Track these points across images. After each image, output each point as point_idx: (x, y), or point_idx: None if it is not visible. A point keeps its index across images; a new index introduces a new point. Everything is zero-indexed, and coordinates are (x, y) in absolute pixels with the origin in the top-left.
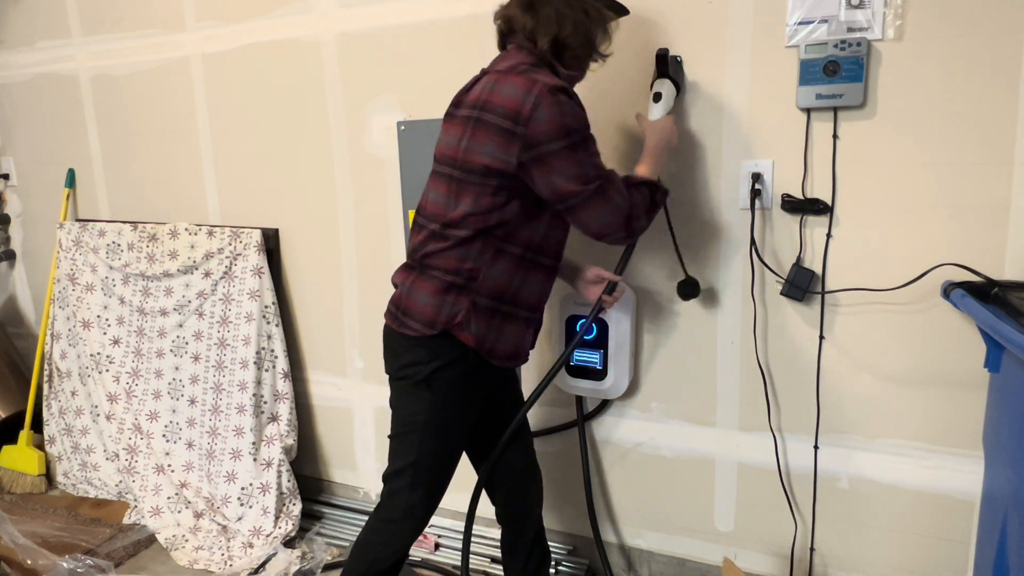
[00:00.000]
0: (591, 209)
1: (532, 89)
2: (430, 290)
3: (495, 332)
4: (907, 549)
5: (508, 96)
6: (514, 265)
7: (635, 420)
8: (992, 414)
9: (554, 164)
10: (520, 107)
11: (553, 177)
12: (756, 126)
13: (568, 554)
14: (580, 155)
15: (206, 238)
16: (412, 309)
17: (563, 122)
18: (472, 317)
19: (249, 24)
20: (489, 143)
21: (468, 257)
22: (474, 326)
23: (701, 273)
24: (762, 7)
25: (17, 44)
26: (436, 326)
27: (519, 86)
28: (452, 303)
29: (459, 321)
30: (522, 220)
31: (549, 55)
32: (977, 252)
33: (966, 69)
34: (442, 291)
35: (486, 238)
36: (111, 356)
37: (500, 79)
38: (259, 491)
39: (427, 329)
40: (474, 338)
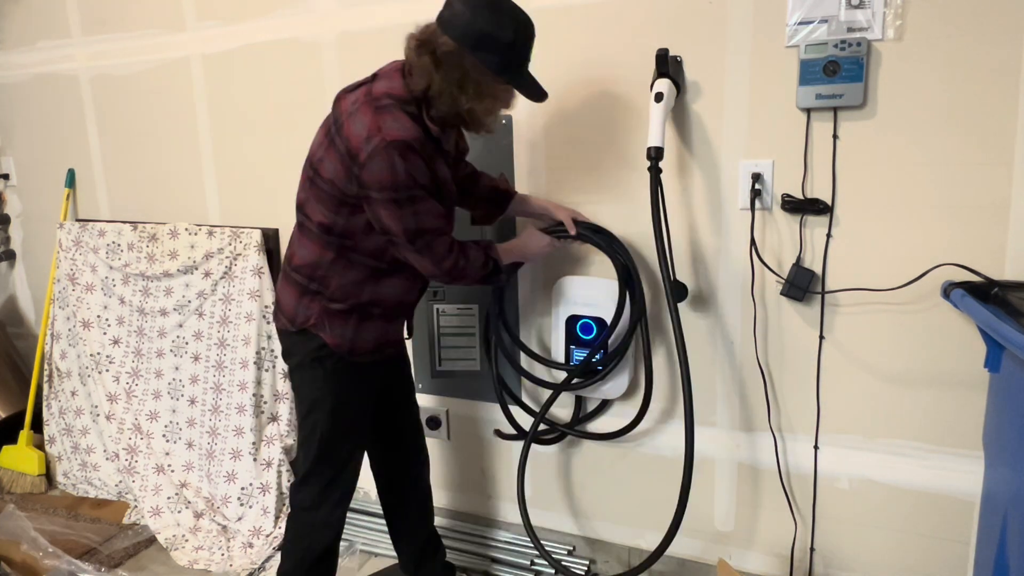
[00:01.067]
0: (412, 256)
1: (373, 137)
2: (291, 292)
3: (352, 331)
4: (907, 549)
5: (355, 134)
6: (365, 273)
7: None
8: (992, 414)
9: (379, 209)
10: (359, 150)
11: (379, 216)
12: (756, 126)
13: (568, 554)
14: (404, 210)
15: (206, 238)
16: (281, 305)
17: (391, 179)
18: (325, 320)
19: (249, 24)
20: (333, 165)
21: (321, 265)
22: (328, 328)
23: (701, 273)
24: (762, 7)
25: (17, 44)
26: (295, 324)
27: (366, 126)
28: (306, 307)
29: (313, 323)
30: (370, 235)
31: (420, 96)
32: (977, 252)
33: (966, 69)
34: (299, 295)
35: (337, 249)
36: (111, 356)
37: (362, 107)
38: (259, 491)
39: (290, 325)
40: (330, 338)
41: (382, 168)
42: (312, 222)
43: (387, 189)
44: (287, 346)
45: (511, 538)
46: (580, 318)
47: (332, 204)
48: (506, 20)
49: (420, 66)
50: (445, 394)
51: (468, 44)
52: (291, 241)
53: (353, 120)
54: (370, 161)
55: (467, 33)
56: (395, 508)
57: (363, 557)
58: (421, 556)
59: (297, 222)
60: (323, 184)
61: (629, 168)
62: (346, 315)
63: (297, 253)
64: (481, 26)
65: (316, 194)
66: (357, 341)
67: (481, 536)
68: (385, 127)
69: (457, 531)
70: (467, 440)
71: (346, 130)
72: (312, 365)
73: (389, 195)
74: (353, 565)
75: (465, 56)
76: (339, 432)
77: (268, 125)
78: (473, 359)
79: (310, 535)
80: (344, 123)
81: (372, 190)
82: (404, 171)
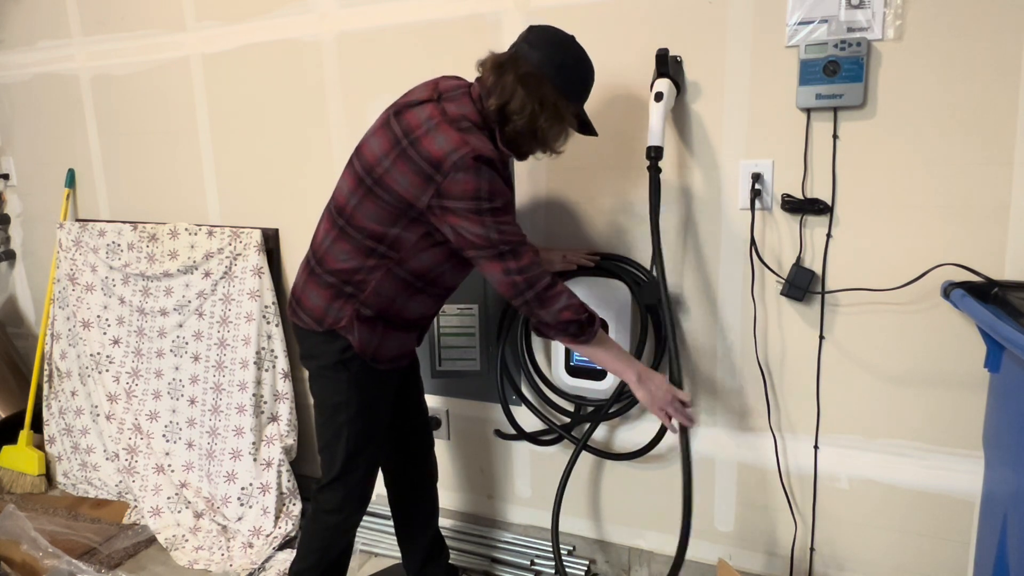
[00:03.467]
0: (485, 267)
1: (460, 148)
2: (320, 293)
3: (378, 339)
4: (907, 549)
5: (438, 147)
6: (401, 287)
7: (635, 420)
8: (992, 414)
9: (458, 219)
10: (443, 160)
11: (458, 228)
12: (756, 126)
13: (568, 554)
14: (484, 219)
15: (206, 238)
16: (305, 305)
17: (476, 188)
18: (355, 324)
19: (249, 24)
20: (407, 177)
21: (361, 269)
22: (357, 333)
23: (701, 273)
24: (762, 7)
25: (17, 44)
26: (323, 325)
27: (451, 141)
28: (338, 309)
29: (343, 325)
30: (417, 251)
31: (494, 117)
32: (977, 252)
33: (966, 69)
34: (331, 296)
35: (380, 258)
36: (111, 356)
37: (441, 125)
38: (259, 491)
39: (315, 326)
40: (357, 342)
41: (467, 178)
42: (358, 229)
43: (470, 198)
44: (309, 347)
45: (512, 538)
46: None
47: (391, 215)
48: (582, 58)
49: (502, 84)
50: (445, 394)
51: (549, 71)
52: (322, 242)
53: (433, 136)
54: (455, 172)
55: (550, 61)
56: (404, 510)
57: (363, 557)
58: (426, 557)
59: (335, 225)
60: (386, 196)
61: (630, 168)
62: (374, 322)
63: (333, 255)
64: (562, 58)
65: (374, 204)
66: (381, 349)
67: (481, 536)
68: (472, 143)
69: (457, 531)
70: (467, 440)
71: (424, 144)
72: (336, 368)
73: (471, 204)
74: (353, 565)
75: (544, 81)
76: (364, 437)
77: (268, 125)
78: (473, 359)
79: (329, 538)
80: (420, 138)
81: (454, 199)
82: (488, 184)
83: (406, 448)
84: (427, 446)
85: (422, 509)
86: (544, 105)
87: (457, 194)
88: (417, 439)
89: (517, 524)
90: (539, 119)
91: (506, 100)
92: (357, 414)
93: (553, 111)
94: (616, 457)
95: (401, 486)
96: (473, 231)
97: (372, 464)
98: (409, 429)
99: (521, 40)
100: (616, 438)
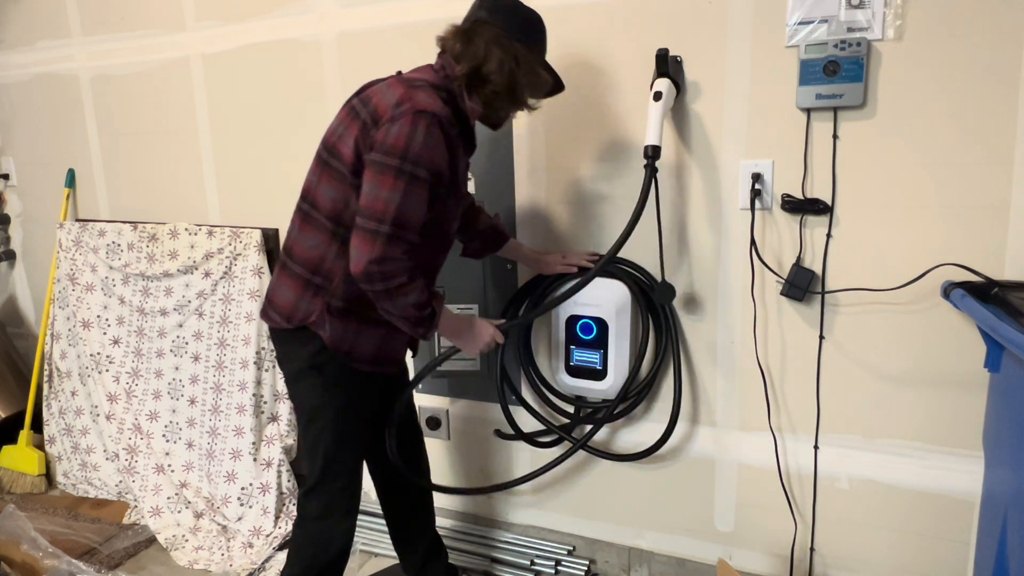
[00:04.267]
0: (356, 239)
1: (404, 103)
2: (290, 285)
3: (352, 335)
4: (907, 549)
5: (385, 101)
6: None
7: (635, 420)
8: (992, 414)
9: (373, 174)
10: (385, 111)
11: (366, 185)
12: (756, 126)
13: (568, 554)
14: (398, 183)
15: (206, 238)
16: (275, 301)
17: (407, 145)
18: (326, 318)
19: (249, 24)
20: (353, 136)
21: (327, 257)
22: (328, 327)
23: (701, 273)
24: (762, 7)
25: (17, 44)
26: (292, 321)
27: (397, 95)
28: (308, 302)
29: (313, 320)
30: None
31: (463, 81)
32: (977, 252)
33: (966, 69)
34: (301, 289)
35: (344, 242)
36: (111, 356)
37: (394, 84)
38: (259, 491)
39: (284, 322)
40: (329, 337)
41: (400, 132)
42: (319, 210)
43: (394, 154)
44: (283, 349)
45: (512, 538)
46: (580, 318)
47: (343, 187)
48: (535, 14)
49: (473, 49)
50: (445, 394)
51: (516, 31)
52: (291, 232)
53: (383, 93)
54: (391, 123)
55: (513, 22)
56: (398, 515)
57: (363, 557)
58: (425, 560)
59: (301, 212)
60: (336, 163)
61: (630, 168)
62: (346, 315)
63: (300, 244)
64: (522, 17)
65: (329, 177)
66: (356, 345)
67: (481, 536)
68: (417, 98)
69: (457, 531)
70: (467, 440)
71: (374, 102)
72: (311, 372)
73: (392, 161)
74: (353, 565)
75: (514, 40)
76: (343, 441)
77: (268, 125)
78: (473, 359)
79: (317, 544)
80: (372, 97)
81: (378, 151)
82: (423, 144)
83: None
84: (418, 451)
85: (417, 516)
86: (519, 62)
87: (383, 146)
88: (406, 444)
89: (517, 524)
90: (517, 76)
91: (481, 62)
92: (335, 419)
93: (528, 67)
94: (617, 458)
95: (393, 494)
96: (375, 193)
97: (353, 469)
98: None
99: (477, 7)
100: (617, 438)
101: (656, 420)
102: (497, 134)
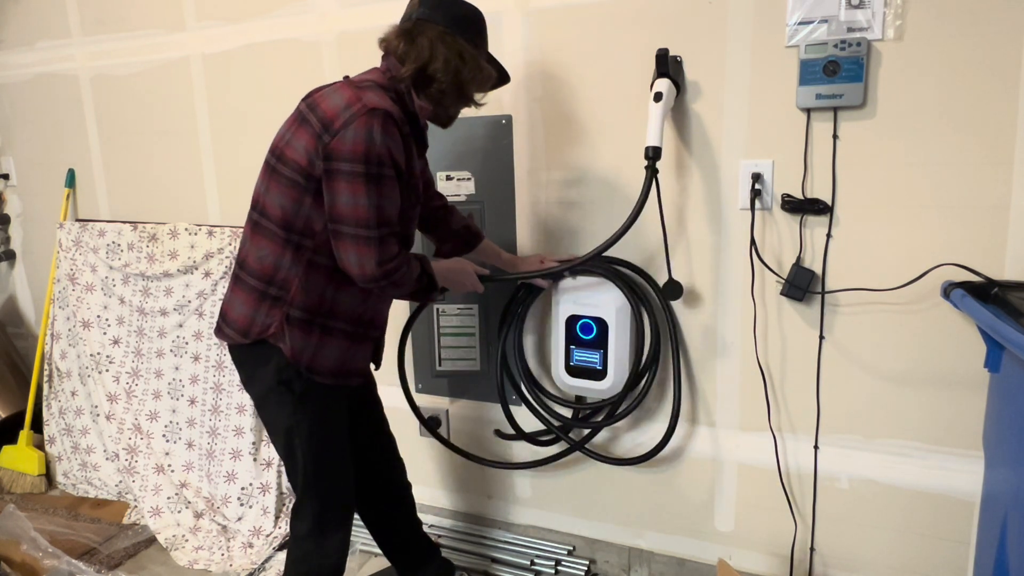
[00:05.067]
0: (349, 247)
1: (353, 105)
2: (245, 299)
3: (312, 347)
4: (907, 549)
5: (333, 105)
6: (325, 278)
7: (636, 420)
8: (992, 414)
9: (340, 184)
10: (335, 118)
11: (335, 195)
12: (756, 126)
13: (568, 554)
14: (370, 188)
15: (206, 238)
16: (229, 316)
17: (365, 148)
18: (285, 329)
19: (249, 24)
20: (302, 141)
21: (281, 266)
22: (288, 339)
23: (701, 273)
24: (762, 7)
25: (17, 44)
26: (249, 335)
27: (345, 98)
28: (265, 314)
29: (272, 332)
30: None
31: (409, 81)
32: (977, 252)
33: (966, 69)
34: (257, 301)
35: (296, 249)
36: (111, 356)
37: (341, 87)
38: (259, 491)
39: (241, 338)
40: (289, 350)
41: (357, 136)
42: (269, 218)
43: (358, 161)
44: (245, 370)
45: (511, 538)
46: (580, 318)
47: (294, 193)
48: (475, 9)
49: (417, 48)
50: (445, 394)
51: (458, 27)
52: (243, 243)
53: (330, 97)
54: (345, 128)
55: (454, 18)
56: (382, 525)
57: (363, 557)
58: (418, 561)
59: (251, 221)
60: (286, 170)
61: (629, 168)
62: (308, 326)
63: (252, 254)
64: (463, 13)
65: (277, 184)
66: (317, 357)
67: (481, 536)
68: (366, 98)
69: (457, 531)
70: (467, 440)
71: (322, 107)
72: (279, 390)
73: (359, 168)
74: (353, 565)
75: (456, 37)
76: (322, 456)
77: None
78: (473, 359)
79: (310, 562)
80: (318, 102)
81: (341, 160)
82: (381, 142)
83: (369, 464)
84: (393, 467)
85: (400, 520)
86: (464, 58)
87: (345, 154)
88: (381, 460)
89: (517, 524)
90: (463, 72)
91: (426, 61)
92: (310, 435)
93: (473, 62)
94: (617, 462)
95: (372, 503)
96: (352, 202)
97: (337, 483)
98: (370, 452)
99: (416, 5)
100: (618, 438)
101: (657, 420)
102: (497, 134)
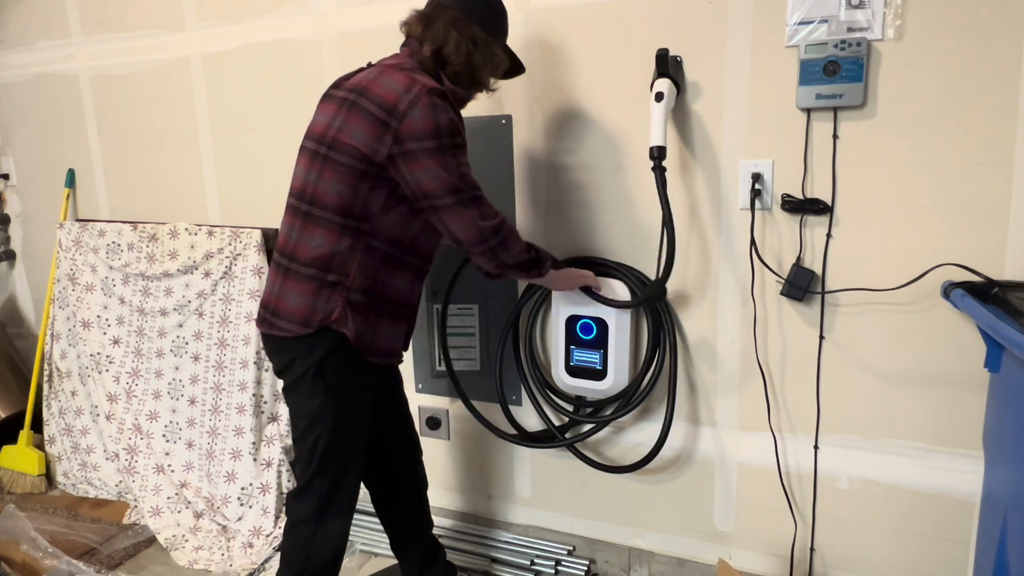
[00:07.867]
0: (451, 216)
1: (412, 87)
2: (302, 290)
3: (371, 328)
4: (907, 549)
5: (388, 88)
6: (381, 261)
7: (636, 420)
8: (992, 414)
9: (421, 162)
10: (397, 102)
11: (418, 174)
12: (756, 126)
13: (568, 554)
14: (447, 159)
15: (206, 238)
16: (284, 310)
17: (436, 123)
18: (348, 314)
19: (249, 24)
20: (360, 127)
21: (339, 252)
22: (351, 322)
23: (701, 273)
24: (762, 7)
25: (17, 44)
26: (312, 324)
27: (400, 82)
28: (327, 300)
29: (336, 318)
30: (387, 215)
31: (432, 62)
32: (977, 252)
33: (966, 69)
34: (315, 290)
35: (354, 235)
36: (111, 356)
37: (384, 71)
38: (259, 491)
39: (301, 328)
40: (353, 333)
41: (426, 114)
42: (324, 206)
43: (430, 137)
44: (286, 357)
45: (511, 538)
46: (580, 318)
47: (351, 178)
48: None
49: (433, 31)
50: (445, 394)
51: (473, 13)
52: (289, 235)
53: (379, 82)
54: (411, 109)
55: (470, 4)
56: (395, 519)
57: (363, 557)
58: (424, 561)
59: (299, 212)
60: (342, 157)
61: (629, 168)
62: (366, 309)
63: (305, 245)
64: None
65: (333, 172)
66: (376, 338)
67: (481, 536)
68: (420, 79)
69: (457, 531)
70: (467, 440)
71: (374, 90)
72: (316, 378)
73: (433, 143)
74: (353, 565)
75: (471, 22)
76: (340, 443)
77: (268, 125)
78: (473, 359)
79: (308, 548)
80: (368, 87)
81: (414, 140)
82: (447, 118)
83: (390, 458)
84: (412, 457)
85: (413, 523)
86: (476, 43)
87: (418, 133)
88: (402, 450)
89: (517, 524)
90: (474, 57)
91: (440, 44)
92: (335, 423)
93: (485, 48)
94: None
95: (387, 499)
96: (438, 175)
97: (347, 471)
98: (392, 440)
99: None
100: (618, 438)
101: (657, 420)
102: (497, 134)
